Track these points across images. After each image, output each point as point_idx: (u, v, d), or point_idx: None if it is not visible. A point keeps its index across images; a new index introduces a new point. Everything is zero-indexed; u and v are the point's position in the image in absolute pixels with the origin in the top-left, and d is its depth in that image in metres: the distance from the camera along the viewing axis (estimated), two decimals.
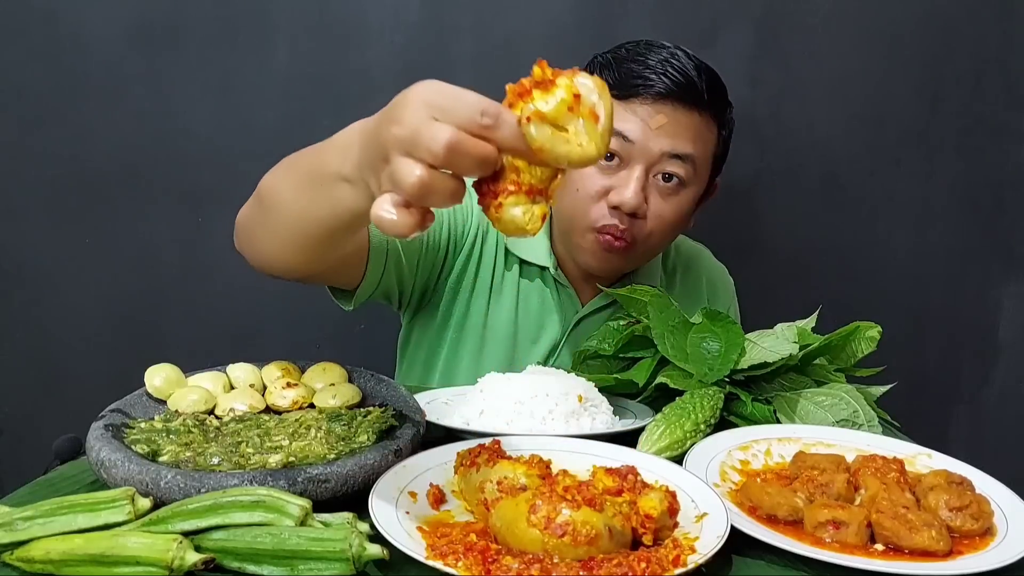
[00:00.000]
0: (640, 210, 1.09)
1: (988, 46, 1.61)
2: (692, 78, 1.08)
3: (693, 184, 1.13)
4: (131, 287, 1.60)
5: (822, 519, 0.66)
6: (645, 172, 1.09)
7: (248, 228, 0.92)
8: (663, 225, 1.13)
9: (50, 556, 0.57)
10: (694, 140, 1.10)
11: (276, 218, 0.84)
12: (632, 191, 1.08)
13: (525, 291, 1.23)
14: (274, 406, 0.83)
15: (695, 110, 1.09)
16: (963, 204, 1.67)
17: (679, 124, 1.09)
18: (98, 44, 1.52)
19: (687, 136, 1.09)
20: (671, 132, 1.08)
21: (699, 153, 1.11)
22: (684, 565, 0.57)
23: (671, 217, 1.13)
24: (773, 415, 0.95)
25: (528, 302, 1.23)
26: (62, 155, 1.55)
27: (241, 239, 0.95)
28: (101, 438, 0.69)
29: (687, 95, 1.08)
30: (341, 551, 0.57)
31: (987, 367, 1.73)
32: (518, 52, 1.53)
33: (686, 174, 1.11)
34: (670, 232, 1.16)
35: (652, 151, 1.08)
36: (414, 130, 0.60)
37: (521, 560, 0.56)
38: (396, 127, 0.62)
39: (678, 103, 1.08)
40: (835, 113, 1.62)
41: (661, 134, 1.08)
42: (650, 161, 1.09)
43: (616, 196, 1.09)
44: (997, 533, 0.68)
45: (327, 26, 1.53)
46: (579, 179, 1.11)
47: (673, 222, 1.14)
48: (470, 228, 1.20)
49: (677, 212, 1.13)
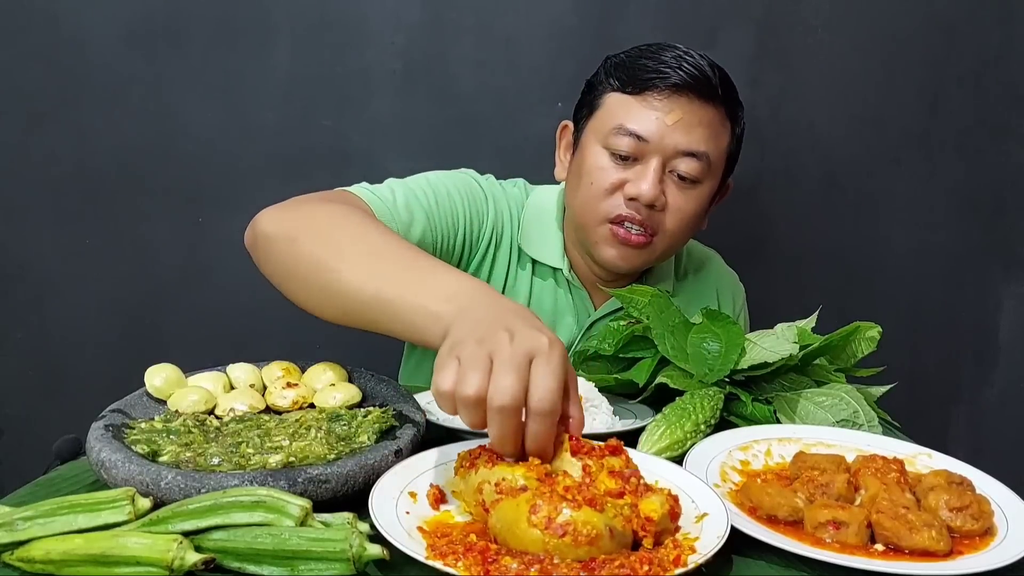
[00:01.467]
0: (658, 202, 1.09)
1: (988, 47, 1.61)
2: (706, 72, 1.09)
3: (709, 180, 1.13)
4: (131, 287, 1.61)
5: (822, 519, 0.66)
6: (662, 166, 1.09)
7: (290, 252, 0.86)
8: (682, 219, 1.12)
9: (50, 556, 0.57)
10: (709, 135, 1.10)
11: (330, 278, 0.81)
12: (650, 182, 1.07)
13: (539, 291, 1.23)
14: (274, 406, 0.83)
15: (710, 104, 1.10)
16: (963, 205, 1.67)
17: (694, 117, 1.09)
18: (99, 45, 1.52)
19: (702, 131, 1.09)
20: (686, 127, 1.08)
21: (714, 149, 1.11)
22: (684, 565, 0.57)
23: (690, 211, 1.12)
24: (773, 415, 0.95)
25: (542, 302, 1.22)
26: (63, 156, 1.55)
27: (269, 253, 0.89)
28: (101, 438, 0.69)
29: (702, 88, 1.08)
30: (341, 551, 0.57)
31: (987, 367, 1.73)
32: (518, 53, 1.53)
33: (701, 172, 1.10)
34: (688, 228, 1.15)
35: (668, 147, 1.08)
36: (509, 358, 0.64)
37: (521, 560, 0.56)
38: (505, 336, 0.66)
39: (693, 96, 1.08)
40: (835, 113, 1.62)
41: (677, 129, 1.08)
42: (666, 156, 1.09)
43: (633, 188, 1.08)
44: (997, 533, 0.68)
45: (327, 27, 1.54)
46: (592, 173, 1.11)
47: (691, 217, 1.13)
48: (485, 231, 1.19)
49: (695, 207, 1.13)
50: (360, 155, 1.58)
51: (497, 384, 0.64)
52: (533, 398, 0.64)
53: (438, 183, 1.14)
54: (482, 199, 1.19)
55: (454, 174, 1.19)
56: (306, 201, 0.95)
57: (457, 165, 1.55)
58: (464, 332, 0.69)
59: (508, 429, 0.65)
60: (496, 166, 1.29)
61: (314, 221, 0.89)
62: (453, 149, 1.57)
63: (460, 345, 0.67)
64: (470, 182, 1.19)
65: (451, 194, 1.14)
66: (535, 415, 0.65)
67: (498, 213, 1.20)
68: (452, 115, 1.56)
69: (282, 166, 1.58)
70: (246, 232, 0.94)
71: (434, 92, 1.55)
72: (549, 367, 0.65)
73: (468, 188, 1.17)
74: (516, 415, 0.65)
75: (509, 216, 1.21)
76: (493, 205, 1.19)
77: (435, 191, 1.12)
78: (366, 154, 1.58)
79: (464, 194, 1.16)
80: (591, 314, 1.24)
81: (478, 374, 0.64)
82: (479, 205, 1.18)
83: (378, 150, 1.58)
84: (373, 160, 1.57)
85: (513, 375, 0.64)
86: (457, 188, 1.15)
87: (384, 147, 1.58)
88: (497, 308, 0.73)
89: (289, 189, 1.58)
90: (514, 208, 1.23)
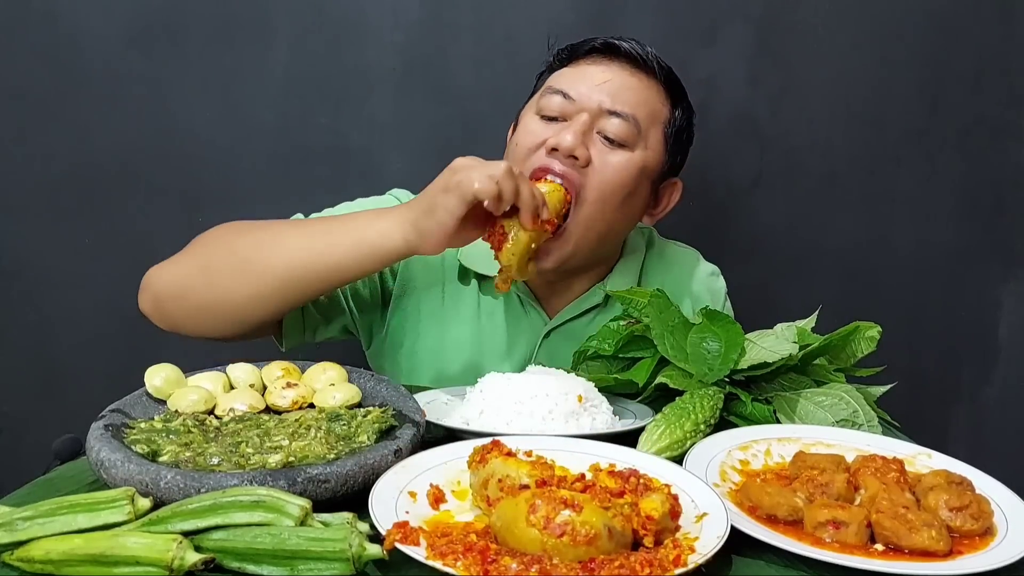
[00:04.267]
0: (579, 154, 1.06)
1: (989, 45, 1.61)
2: (645, 50, 1.12)
3: (639, 149, 1.10)
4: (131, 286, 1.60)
5: (822, 519, 0.66)
6: (589, 124, 1.08)
7: (200, 284, 1.02)
8: (604, 182, 1.07)
9: (50, 556, 0.57)
10: (639, 101, 1.10)
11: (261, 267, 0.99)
12: (571, 132, 1.06)
13: (488, 306, 1.20)
14: (274, 406, 0.83)
15: (641, 72, 1.11)
16: (963, 203, 1.67)
17: (625, 82, 1.10)
18: (97, 44, 1.51)
19: (631, 95, 1.10)
20: (616, 88, 1.09)
21: (645, 116, 1.11)
22: (684, 565, 0.57)
23: (613, 176, 1.08)
24: (773, 415, 0.95)
25: (493, 316, 1.20)
26: (61, 155, 1.55)
27: (175, 301, 1.04)
28: (101, 438, 0.69)
29: (635, 59, 1.11)
30: (341, 551, 0.57)
31: (987, 366, 1.73)
32: (518, 51, 1.52)
33: (629, 135, 1.09)
34: (612, 198, 1.09)
35: (593, 103, 1.09)
36: (474, 169, 0.93)
37: (520, 561, 0.56)
38: (457, 175, 0.93)
39: (626, 63, 1.11)
40: (835, 112, 1.62)
41: (605, 89, 1.09)
42: (593, 114, 1.08)
43: (554, 139, 1.07)
44: (997, 533, 0.68)
45: (326, 24, 1.53)
46: (520, 136, 1.12)
47: (616, 184, 1.08)
48: (395, 282, 1.20)
49: (621, 174, 1.08)
50: (359, 153, 1.57)
51: (492, 169, 0.92)
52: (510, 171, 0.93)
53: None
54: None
55: (371, 202, 1.21)
56: (198, 242, 1.08)
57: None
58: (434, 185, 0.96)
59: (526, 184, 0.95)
60: None
61: (215, 243, 1.07)
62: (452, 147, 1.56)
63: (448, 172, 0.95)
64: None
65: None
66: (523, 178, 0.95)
67: None
68: (451, 113, 1.56)
69: (281, 164, 1.57)
70: (140, 298, 1.07)
71: (433, 90, 1.55)
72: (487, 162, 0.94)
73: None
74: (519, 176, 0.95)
75: None
76: None
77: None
78: (365, 152, 1.57)
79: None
80: (547, 323, 1.21)
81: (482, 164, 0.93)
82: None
83: (377, 148, 1.57)
84: (371, 158, 1.57)
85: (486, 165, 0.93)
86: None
87: (383, 145, 1.57)
88: (420, 195, 0.98)
89: (287, 187, 1.60)
90: None
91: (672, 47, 1.48)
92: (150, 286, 1.06)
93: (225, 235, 1.06)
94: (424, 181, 0.99)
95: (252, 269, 1.00)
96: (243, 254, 1.02)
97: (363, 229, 0.99)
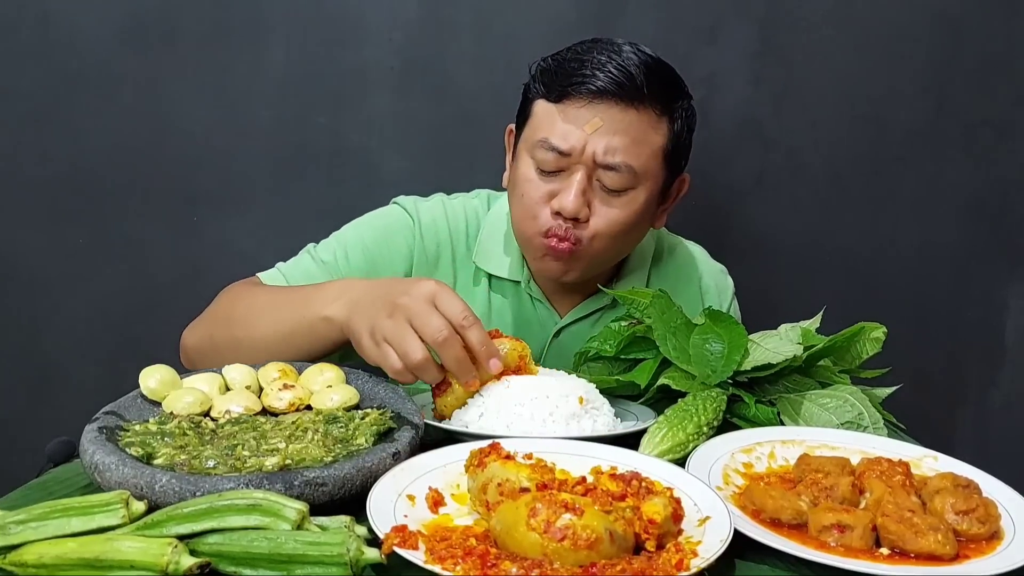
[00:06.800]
0: (581, 214, 1.08)
1: (994, 45, 1.60)
2: (631, 73, 1.06)
3: (642, 186, 1.10)
4: (126, 287, 1.60)
5: (827, 523, 0.66)
6: (586, 177, 1.07)
7: (210, 351, 1.05)
8: (612, 227, 1.10)
9: (43, 560, 0.56)
10: (630, 143, 1.07)
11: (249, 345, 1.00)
12: (571, 196, 1.06)
13: (498, 306, 1.22)
14: (270, 408, 0.82)
15: (632, 108, 1.07)
16: (968, 204, 1.66)
17: (616, 124, 1.06)
18: (92, 44, 1.51)
19: (623, 139, 1.06)
20: (607, 134, 1.06)
21: (637, 158, 1.08)
22: (687, 569, 0.56)
23: (620, 219, 1.10)
24: (777, 417, 0.94)
25: (503, 316, 1.21)
26: (56, 155, 1.54)
27: (201, 361, 1.07)
28: (95, 441, 0.69)
29: (624, 92, 1.06)
30: (338, 555, 0.56)
31: (993, 368, 1.72)
32: (517, 51, 1.52)
33: (626, 182, 1.08)
34: (621, 235, 1.12)
35: (588, 157, 1.07)
36: (421, 310, 0.84)
37: (520, 565, 0.55)
38: (406, 298, 0.85)
39: (613, 102, 1.06)
40: (839, 112, 1.61)
41: (597, 137, 1.06)
42: (589, 167, 1.07)
43: (557, 202, 1.08)
44: (1004, 537, 0.67)
45: (323, 23, 1.53)
46: (522, 185, 1.11)
47: (624, 224, 1.10)
48: (416, 261, 1.19)
49: (627, 215, 1.10)
50: (357, 153, 1.57)
51: (429, 329, 0.83)
52: (457, 318, 0.84)
53: (351, 239, 1.18)
54: (404, 235, 1.20)
55: (374, 218, 1.21)
56: (214, 303, 1.13)
57: (455, 163, 1.54)
58: (370, 318, 0.87)
59: (459, 353, 0.84)
60: (493, 164, 1.28)
61: (218, 313, 1.10)
62: (451, 147, 1.57)
63: (377, 329, 0.86)
64: (389, 223, 1.20)
65: (365, 244, 1.17)
66: (466, 329, 0.85)
67: (436, 235, 1.20)
68: (450, 113, 1.56)
69: (278, 165, 1.57)
70: (181, 356, 1.12)
71: (432, 90, 1.54)
72: (449, 295, 0.86)
73: (385, 231, 1.19)
74: (457, 341, 0.84)
75: (456, 234, 1.21)
76: (421, 234, 1.19)
77: (345, 248, 1.17)
78: (363, 152, 1.57)
79: (378, 240, 1.18)
80: (557, 322, 1.22)
81: (411, 338, 0.84)
82: (397, 245, 1.19)
83: (375, 148, 1.57)
84: (369, 158, 1.57)
85: (433, 315, 0.84)
86: (373, 237, 1.18)
87: (381, 145, 1.57)
88: (378, 287, 0.92)
89: (284, 188, 1.59)
90: (471, 223, 1.23)
91: (673, 45, 1.48)
92: (182, 347, 1.12)
93: (228, 303, 1.10)
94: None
95: (243, 347, 1.01)
96: (234, 332, 1.04)
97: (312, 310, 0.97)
